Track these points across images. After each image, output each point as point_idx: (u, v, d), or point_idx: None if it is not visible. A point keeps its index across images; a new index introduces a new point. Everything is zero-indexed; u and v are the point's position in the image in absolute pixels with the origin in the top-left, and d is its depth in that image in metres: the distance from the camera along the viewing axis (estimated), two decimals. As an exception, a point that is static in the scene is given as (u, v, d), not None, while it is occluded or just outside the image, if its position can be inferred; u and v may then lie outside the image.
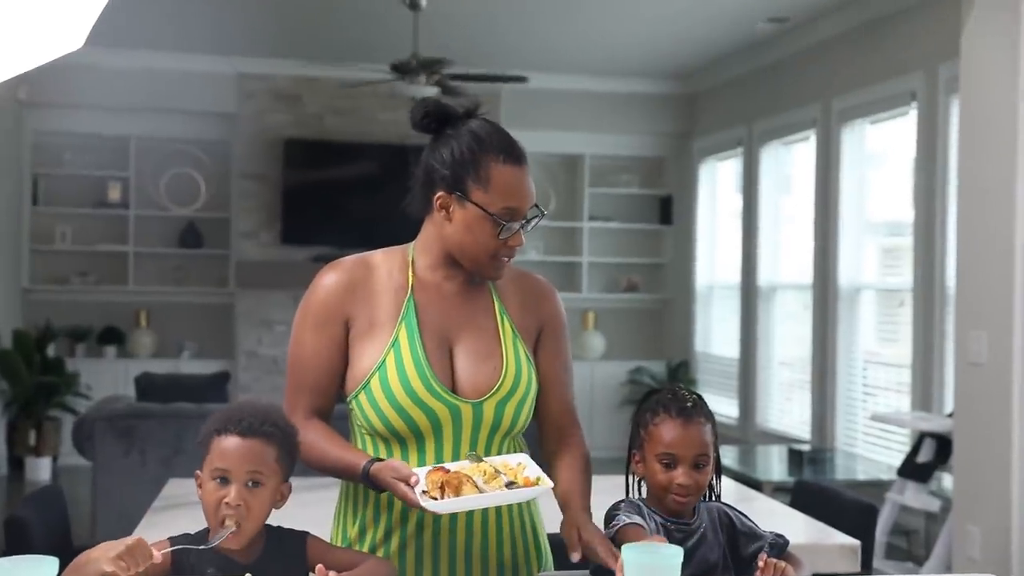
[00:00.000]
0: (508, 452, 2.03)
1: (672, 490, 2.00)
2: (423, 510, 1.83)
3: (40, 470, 7.74)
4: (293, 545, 1.92)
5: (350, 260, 2.08)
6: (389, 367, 1.97)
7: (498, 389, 2.00)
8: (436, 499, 1.81)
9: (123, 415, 5.16)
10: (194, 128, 8.77)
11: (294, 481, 1.93)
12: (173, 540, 1.88)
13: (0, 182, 7.80)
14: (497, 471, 1.87)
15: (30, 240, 8.50)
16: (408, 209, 2.09)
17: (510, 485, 1.85)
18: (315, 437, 2.00)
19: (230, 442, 1.86)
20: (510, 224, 1.96)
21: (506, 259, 2.01)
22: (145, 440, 5.10)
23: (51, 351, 8.13)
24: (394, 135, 8.53)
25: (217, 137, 8.80)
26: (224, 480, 1.85)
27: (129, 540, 1.71)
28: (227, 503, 1.83)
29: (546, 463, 2.07)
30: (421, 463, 1.96)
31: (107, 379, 8.19)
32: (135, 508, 3.74)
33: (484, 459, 1.91)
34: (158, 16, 7.18)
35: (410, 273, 2.05)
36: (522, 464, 1.91)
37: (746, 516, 2.13)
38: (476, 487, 1.83)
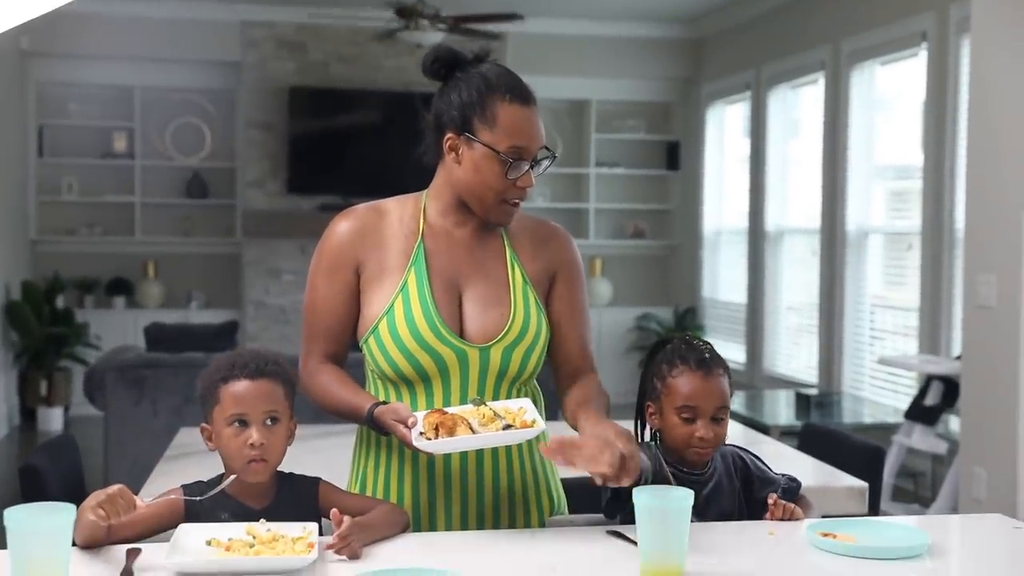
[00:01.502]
0: (523, 394, 2.05)
1: (693, 443, 2.00)
2: (416, 450, 1.86)
3: (52, 420, 7.80)
4: (305, 490, 1.95)
5: (362, 207, 2.11)
6: (397, 312, 1.99)
7: (505, 334, 2.00)
8: (430, 440, 1.83)
9: (133, 365, 5.19)
10: (199, 77, 8.73)
11: (307, 429, 1.95)
12: (186, 488, 1.90)
13: (5, 133, 7.78)
14: (496, 415, 1.89)
15: (36, 191, 8.50)
16: (423, 158, 2.10)
17: (507, 428, 1.87)
18: (327, 380, 2.04)
19: (241, 386, 1.89)
20: (518, 163, 1.97)
21: (516, 202, 2.01)
22: (156, 389, 5.13)
23: (60, 302, 8.16)
24: (399, 82, 8.48)
25: (222, 86, 8.76)
26: (243, 423, 1.88)
27: (111, 489, 1.73)
28: (251, 444, 1.87)
29: (561, 396, 2.09)
30: (429, 407, 1.98)
31: (116, 330, 8.23)
32: (147, 457, 3.79)
33: (486, 403, 1.92)
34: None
35: (421, 219, 2.07)
36: (523, 408, 1.93)
37: (760, 459, 2.14)
38: (471, 429, 1.85)
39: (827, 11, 7.07)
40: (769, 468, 2.13)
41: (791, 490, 2.09)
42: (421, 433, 1.85)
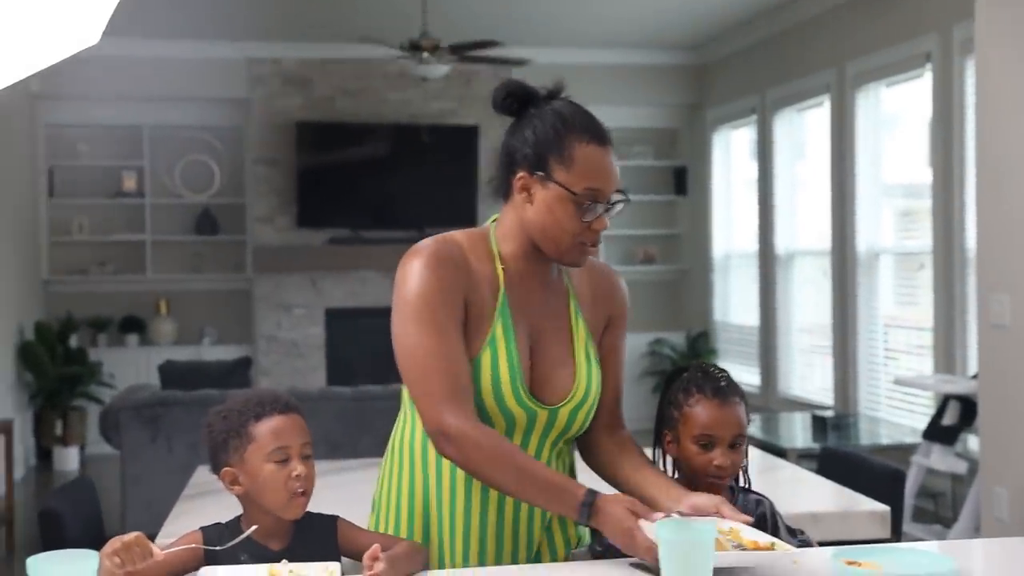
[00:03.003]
0: (562, 451, 2.02)
1: (710, 472, 2.00)
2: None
3: (68, 460, 7.80)
4: (323, 529, 1.94)
5: (442, 239, 1.96)
6: (484, 365, 1.91)
7: (573, 396, 1.97)
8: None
9: (149, 403, 5.20)
10: (206, 115, 8.78)
11: (324, 464, 1.94)
12: (204, 531, 1.89)
13: (16, 175, 7.83)
14: (721, 533, 1.81)
15: (48, 232, 8.54)
16: (493, 194, 2.03)
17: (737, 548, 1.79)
18: (515, 450, 1.87)
19: (278, 421, 1.89)
20: (594, 205, 1.91)
21: (591, 246, 1.95)
22: (171, 427, 5.13)
23: (73, 342, 8.18)
24: (404, 114, 8.52)
25: (229, 123, 8.81)
26: (285, 459, 1.87)
27: (127, 536, 1.72)
28: (297, 476, 1.86)
29: (593, 446, 2.08)
30: None
31: (130, 368, 8.25)
32: (164, 495, 3.78)
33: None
34: (165, 4, 7.17)
35: (498, 263, 1.97)
36: (734, 529, 1.85)
37: (785, 522, 2.10)
38: (721, 545, 1.77)
39: (831, 34, 7.09)
40: (792, 531, 2.10)
41: (806, 543, 2.09)
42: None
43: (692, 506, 1.83)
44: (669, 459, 2.09)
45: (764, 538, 1.83)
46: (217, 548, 1.85)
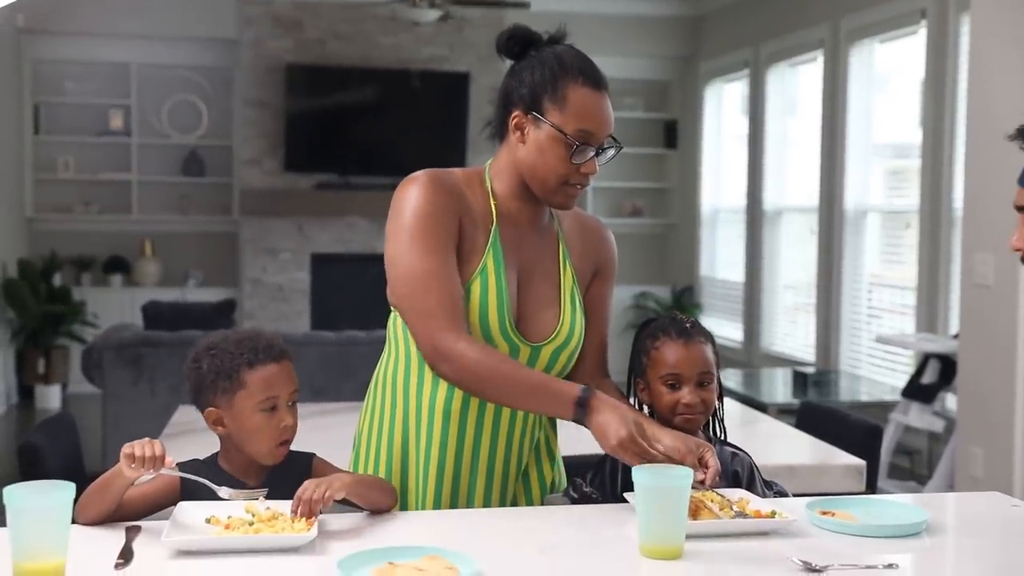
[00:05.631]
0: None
1: (679, 410, 2.03)
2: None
3: (50, 398, 7.81)
4: (299, 466, 1.95)
5: (439, 170, 1.99)
6: (473, 295, 1.93)
7: (556, 336, 2.00)
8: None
9: (131, 343, 5.19)
10: (195, 55, 8.69)
11: (306, 407, 1.94)
12: (181, 466, 1.90)
13: (1, 111, 7.75)
14: (728, 501, 1.85)
15: (33, 169, 8.48)
16: (490, 136, 2.05)
17: (740, 516, 1.82)
18: (502, 357, 1.89)
19: (270, 370, 1.89)
20: (584, 148, 1.93)
21: (578, 187, 1.97)
22: (154, 368, 5.13)
23: (57, 280, 8.16)
24: (395, 60, 8.45)
25: (218, 64, 8.73)
26: (274, 407, 1.88)
27: (155, 450, 1.75)
28: (286, 427, 1.89)
29: None
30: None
31: (113, 308, 8.23)
32: (145, 435, 3.77)
33: (713, 491, 1.86)
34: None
35: (492, 199, 2.00)
36: (744, 499, 1.89)
37: (766, 481, 2.11)
38: (714, 513, 1.81)
39: (826, -12, 7.04)
40: (772, 487, 2.12)
41: (781, 494, 2.11)
42: None
43: (674, 448, 1.84)
44: (645, 408, 2.11)
45: (767, 507, 1.86)
46: (190, 476, 1.84)
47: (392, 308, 2.01)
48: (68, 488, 1.55)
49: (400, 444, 2.01)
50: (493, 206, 2.00)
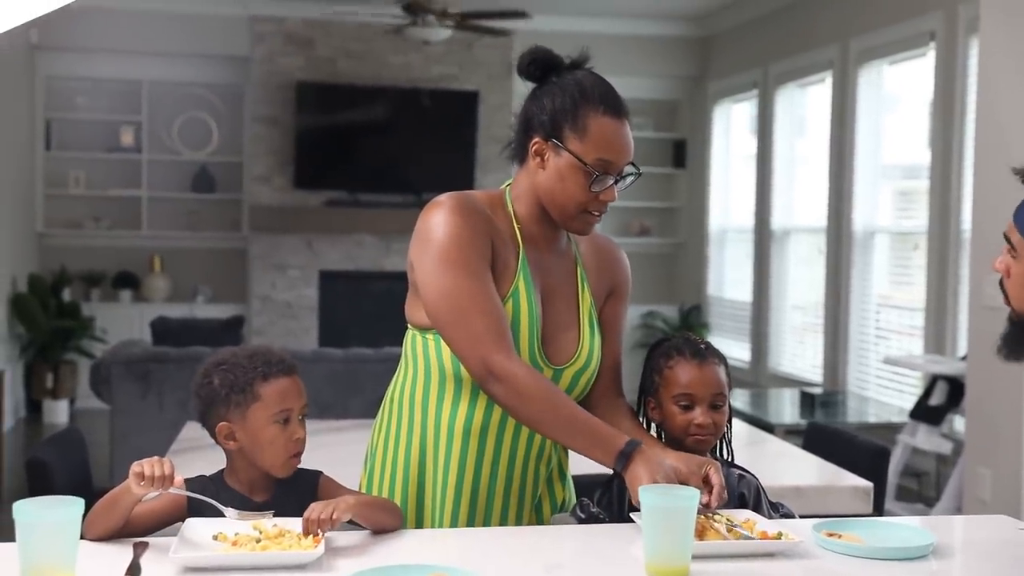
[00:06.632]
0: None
1: (691, 431, 2.03)
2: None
3: (58, 413, 7.82)
4: (306, 483, 1.96)
5: (462, 193, 1.99)
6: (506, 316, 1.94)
7: (576, 359, 2.01)
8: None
9: (140, 359, 5.20)
10: (206, 72, 8.73)
11: (313, 424, 1.95)
12: (189, 482, 1.90)
13: (13, 127, 7.79)
14: (733, 524, 1.85)
15: (44, 185, 8.51)
16: (510, 157, 2.06)
17: (747, 539, 1.82)
18: (551, 384, 1.90)
19: (283, 383, 1.91)
20: (603, 177, 1.93)
21: (596, 215, 1.98)
22: (162, 384, 5.14)
23: (66, 295, 8.18)
24: (405, 78, 8.48)
25: (229, 81, 8.77)
26: (287, 420, 1.89)
27: (164, 469, 1.75)
28: (299, 439, 1.90)
29: (591, 411, 2.07)
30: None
31: (122, 323, 8.25)
32: (153, 451, 3.76)
33: (719, 513, 1.86)
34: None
35: (515, 223, 2.01)
36: (750, 520, 1.89)
37: (772, 503, 2.11)
38: (720, 534, 1.81)
39: (835, 10, 7.06)
40: (779, 510, 2.11)
41: (787, 515, 2.10)
42: None
43: (676, 470, 1.84)
44: (654, 427, 2.11)
45: (773, 528, 1.86)
46: (197, 496, 1.85)
47: (408, 326, 2.02)
48: (77, 504, 1.56)
49: (417, 463, 2.01)
50: (517, 229, 2.00)
